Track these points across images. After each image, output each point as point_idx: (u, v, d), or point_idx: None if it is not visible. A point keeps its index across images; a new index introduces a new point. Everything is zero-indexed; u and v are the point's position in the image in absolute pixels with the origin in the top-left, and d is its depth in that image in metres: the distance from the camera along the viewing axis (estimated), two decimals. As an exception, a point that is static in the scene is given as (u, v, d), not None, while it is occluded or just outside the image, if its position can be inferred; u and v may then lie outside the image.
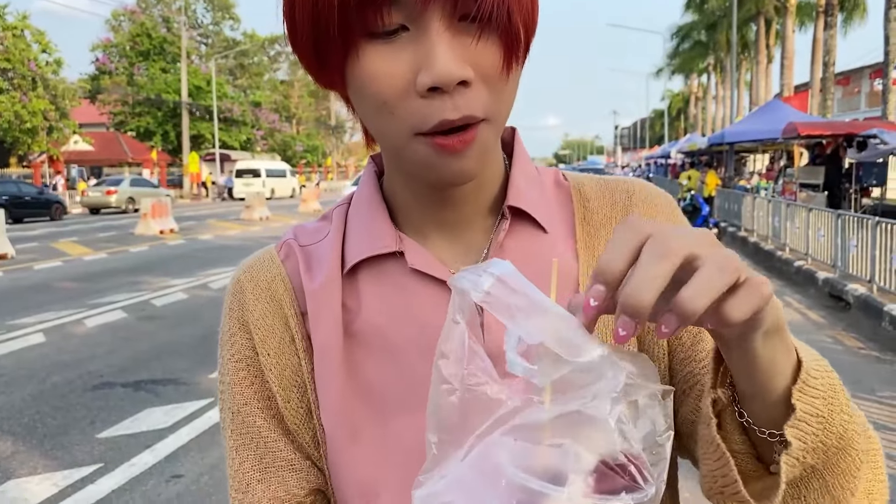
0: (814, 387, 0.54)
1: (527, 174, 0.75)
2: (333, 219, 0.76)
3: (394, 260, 0.71)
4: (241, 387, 0.72)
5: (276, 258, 0.75)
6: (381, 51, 0.58)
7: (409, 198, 0.71)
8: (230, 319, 0.74)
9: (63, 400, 5.63)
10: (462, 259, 0.72)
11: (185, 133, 44.30)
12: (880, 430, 4.71)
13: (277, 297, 0.72)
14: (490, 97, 0.60)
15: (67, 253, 15.69)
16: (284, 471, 0.70)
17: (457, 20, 0.57)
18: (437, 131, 0.59)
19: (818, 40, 26.28)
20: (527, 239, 0.72)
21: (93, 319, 8.57)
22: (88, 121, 45.51)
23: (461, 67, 0.57)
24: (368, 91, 0.60)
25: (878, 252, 8.61)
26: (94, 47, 46.19)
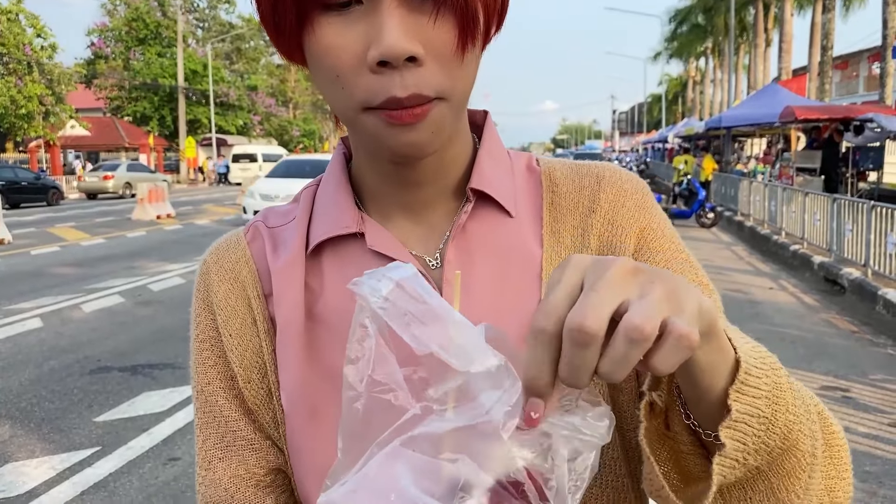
0: (754, 386, 0.51)
1: (495, 157, 0.74)
2: (301, 200, 0.76)
3: (356, 241, 0.71)
4: (205, 367, 0.73)
5: (243, 241, 0.75)
6: (334, 23, 0.58)
7: (374, 178, 0.71)
8: (196, 300, 0.75)
9: (61, 384, 5.66)
10: (425, 241, 0.72)
11: (181, 118, 44.11)
12: (870, 413, 4.76)
13: (241, 279, 0.73)
14: (443, 76, 0.59)
15: (64, 238, 15.69)
16: (245, 450, 0.71)
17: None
18: (385, 107, 0.59)
19: (817, 24, 26.16)
20: (490, 222, 0.71)
21: (90, 304, 8.58)
22: (85, 106, 45.32)
23: (410, 43, 0.56)
24: (322, 63, 0.60)
25: (874, 236, 8.64)
26: (89, 32, 45.87)
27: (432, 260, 0.71)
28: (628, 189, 0.75)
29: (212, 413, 0.72)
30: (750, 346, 0.54)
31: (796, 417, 0.54)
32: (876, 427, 4.52)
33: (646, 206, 0.75)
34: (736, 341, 0.53)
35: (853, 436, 4.36)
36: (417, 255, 0.70)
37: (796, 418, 0.54)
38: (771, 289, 9.16)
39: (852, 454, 2.33)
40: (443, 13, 0.58)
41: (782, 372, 0.54)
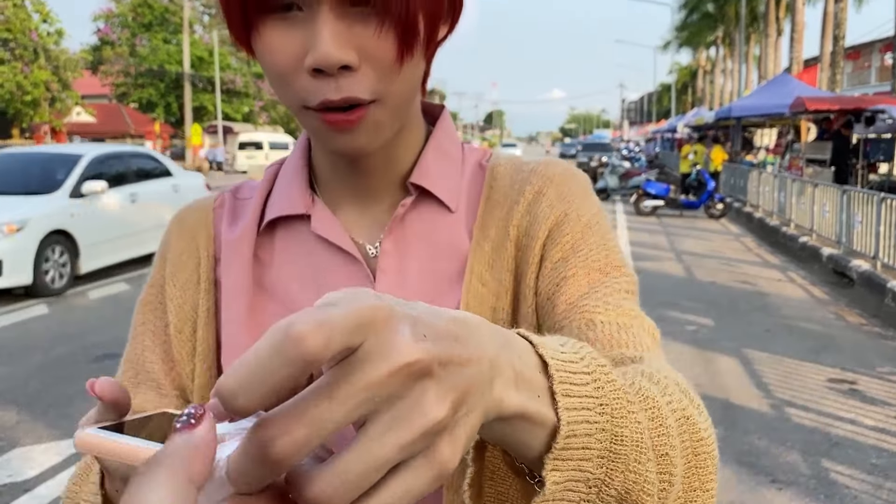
0: (582, 447, 0.42)
1: (442, 152, 0.76)
2: (264, 177, 0.80)
3: (306, 222, 0.74)
4: (146, 309, 0.78)
5: (210, 206, 0.80)
6: (277, 26, 0.60)
7: (326, 164, 0.75)
8: (159, 250, 0.81)
9: (67, 371, 5.68)
10: (368, 230, 0.74)
11: (187, 105, 44.11)
12: (878, 405, 4.73)
13: (196, 239, 0.78)
14: (378, 81, 0.61)
15: (72, 225, 15.71)
16: (151, 390, 0.75)
17: (349, 5, 0.59)
18: (321, 108, 0.61)
19: (829, 13, 25.91)
20: (429, 216, 0.74)
21: (95, 291, 8.61)
22: (91, 92, 45.36)
23: (344, 52, 0.58)
24: (265, 61, 0.63)
25: (883, 228, 8.58)
26: (95, 17, 45.85)
27: (372, 248, 0.73)
28: (555, 179, 0.75)
29: (136, 349, 0.77)
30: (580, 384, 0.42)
31: (642, 467, 0.44)
32: (883, 420, 4.50)
33: (569, 195, 0.74)
34: (558, 396, 0.41)
35: (860, 428, 4.35)
36: (359, 243, 0.74)
37: (642, 468, 0.44)
38: (779, 280, 9.11)
39: (859, 447, 2.32)
40: (379, 23, 0.59)
41: (626, 411, 0.44)
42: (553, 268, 0.70)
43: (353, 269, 0.72)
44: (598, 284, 0.68)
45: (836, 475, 3.79)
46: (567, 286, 0.68)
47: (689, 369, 5.43)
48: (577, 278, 0.68)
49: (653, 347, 0.64)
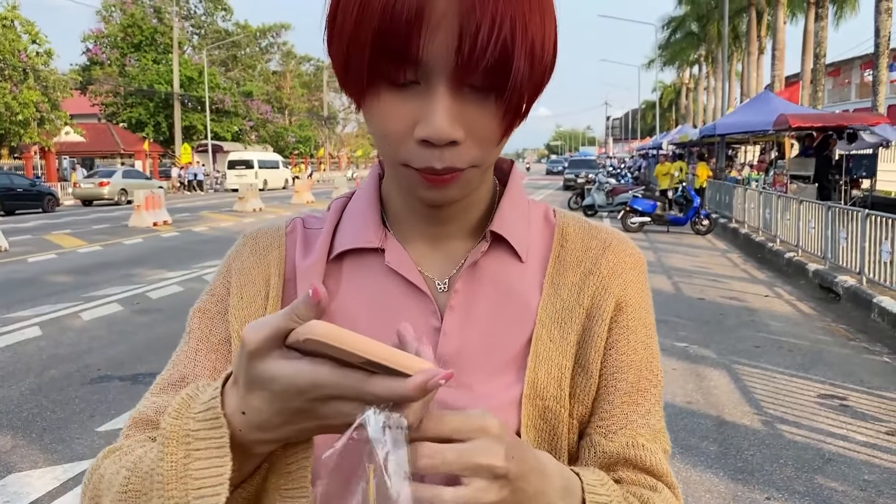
0: None
1: (515, 205, 0.81)
2: (332, 210, 0.83)
3: (376, 256, 0.77)
4: (203, 317, 0.80)
5: (282, 229, 0.83)
6: (394, 96, 0.64)
7: (401, 205, 0.78)
8: (222, 264, 0.83)
9: (61, 393, 5.67)
10: (437, 266, 0.78)
11: (177, 124, 44.12)
12: (868, 421, 4.80)
13: (268, 258, 0.80)
14: (479, 151, 0.66)
15: (61, 245, 15.66)
16: None
17: (463, 87, 0.63)
18: (422, 171, 0.66)
19: (809, 32, 26.35)
20: (501, 263, 0.78)
21: (89, 312, 8.58)
22: (80, 112, 45.26)
23: (454, 130, 0.63)
24: (376, 123, 0.67)
25: (868, 244, 8.71)
26: (84, 38, 45.88)
27: (441, 283, 0.77)
28: (628, 262, 0.82)
29: (187, 354, 0.79)
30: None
31: None
32: (874, 435, 4.56)
33: (637, 282, 0.82)
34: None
35: (851, 444, 4.41)
36: (428, 277, 0.77)
37: None
38: (767, 296, 9.21)
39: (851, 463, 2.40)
40: (489, 103, 0.64)
41: None
42: (610, 356, 0.78)
43: (420, 302, 0.75)
44: (644, 394, 0.79)
45: (830, 492, 3.84)
46: (618, 384, 0.78)
47: (682, 385, 5.50)
48: (628, 379, 0.78)
49: (666, 467, 0.78)
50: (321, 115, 71.90)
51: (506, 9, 0.60)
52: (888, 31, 19.82)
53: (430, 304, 0.75)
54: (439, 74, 0.62)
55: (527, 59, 0.62)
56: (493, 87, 0.63)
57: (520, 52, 0.61)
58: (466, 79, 0.62)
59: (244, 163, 41.67)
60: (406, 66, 0.62)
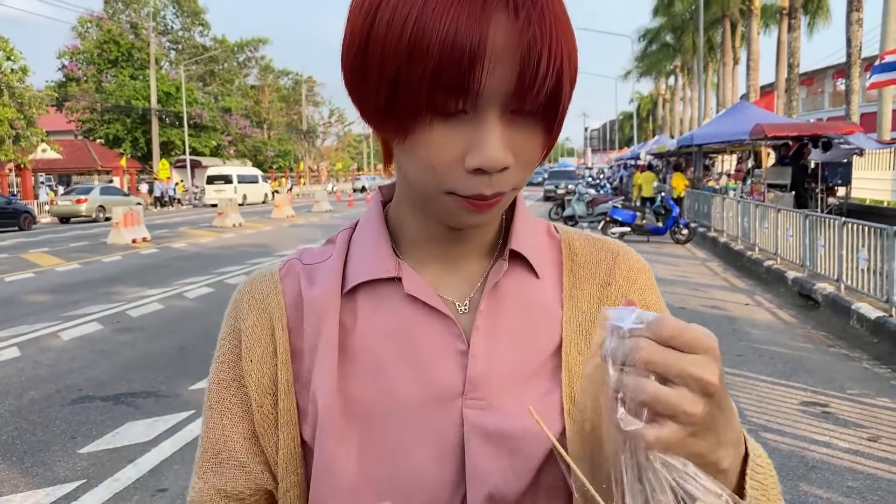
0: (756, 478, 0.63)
1: (526, 222, 0.82)
2: (337, 242, 0.82)
3: (391, 284, 0.77)
4: (220, 387, 0.80)
5: (276, 275, 0.81)
6: (442, 126, 0.64)
7: (416, 231, 0.78)
8: (225, 325, 0.81)
9: (42, 415, 5.59)
10: (455, 288, 0.78)
11: (154, 140, 43.84)
12: (850, 427, 4.86)
13: (269, 311, 0.79)
14: (522, 175, 0.68)
15: (39, 264, 15.47)
16: (235, 469, 0.78)
17: (509, 112, 0.64)
18: (470, 198, 0.67)
19: (783, 42, 26.77)
20: (520, 281, 0.79)
21: (68, 332, 8.48)
22: (56, 129, 44.83)
23: (506, 156, 0.64)
24: (422, 155, 0.66)
25: (845, 251, 8.82)
26: (60, 54, 45.52)
27: (461, 306, 0.77)
28: (639, 269, 0.85)
29: (215, 430, 0.79)
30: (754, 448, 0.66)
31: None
32: (856, 442, 4.61)
33: (651, 287, 0.85)
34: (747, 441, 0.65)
35: (835, 451, 4.45)
36: (448, 300, 0.77)
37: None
38: (747, 304, 9.30)
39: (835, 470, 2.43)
40: (533, 126, 0.66)
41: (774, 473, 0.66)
42: None
43: (443, 327, 0.75)
44: None
45: (815, 499, 3.87)
46: None
47: (666, 396, 5.52)
48: None
49: None
50: (300, 128, 71.79)
51: (558, 38, 0.62)
52: (859, 41, 20.18)
53: (454, 327, 0.75)
54: (493, 103, 0.63)
55: (570, 84, 0.65)
56: (541, 114, 0.65)
57: (567, 79, 0.64)
58: (522, 107, 0.64)
59: (223, 178, 41.47)
60: (464, 98, 0.62)
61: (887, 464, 4.27)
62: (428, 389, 0.73)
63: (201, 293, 11.08)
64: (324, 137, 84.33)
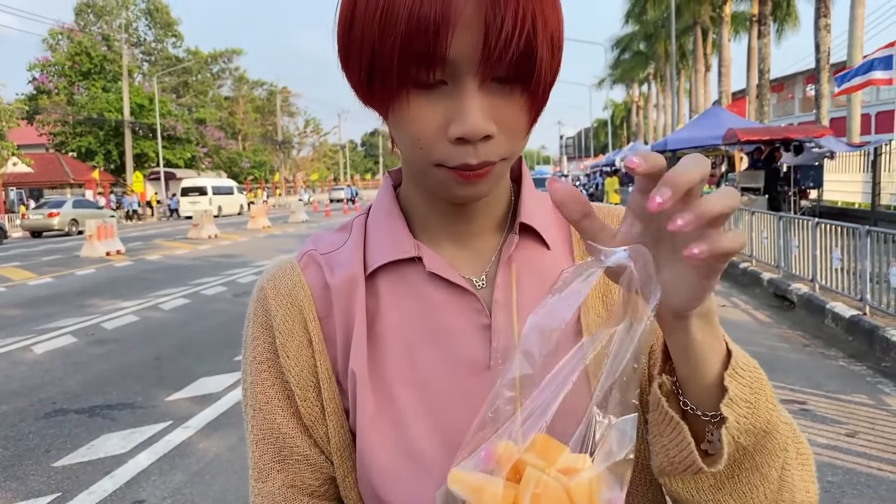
0: (742, 375, 0.63)
1: (534, 196, 0.83)
2: (353, 228, 0.83)
3: (411, 265, 0.78)
4: (264, 386, 0.78)
5: (297, 267, 0.81)
6: (423, 98, 0.66)
7: (427, 210, 0.79)
8: (254, 324, 0.80)
9: (14, 429, 5.48)
10: (470, 265, 0.79)
11: (128, 152, 43.39)
12: (828, 424, 4.90)
13: (298, 303, 0.78)
14: (509, 144, 0.68)
15: (10, 278, 15.22)
16: (301, 463, 0.78)
17: (489, 81, 0.64)
18: (457, 169, 0.67)
19: (753, 49, 27.16)
20: (532, 253, 0.80)
21: (41, 345, 8.34)
22: (27, 142, 44.24)
23: (487, 124, 0.65)
24: (407, 129, 0.67)
25: (819, 252, 8.94)
26: (31, 67, 44.96)
27: (478, 281, 0.78)
28: None
29: (270, 430, 0.78)
30: (737, 347, 0.66)
31: (774, 407, 0.65)
32: (834, 438, 4.66)
33: None
34: (727, 337, 0.66)
35: (813, 447, 4.42)
36: (466, 277, 0.78)
37: (774, 408, 0.65)
38: (724, 306, 9.38)
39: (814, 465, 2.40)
40: (515, 94, 0.66)
41: (762, 372, 0.66)
42: None
43: (466, 303, 0.76)
44: None
45: (794, 493, 3.90)
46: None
47: (646, 397, 5.54)
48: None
49: None
50: (275, 139, 71.51)
51: (526, 1, 0.62)
52: (828, 47, 20.53)
53: (477, 302, 0.76)
54: (467, 71, 0.63)
55: (548, 48, 0.65)
56: (519, 79, 0.65)
57: (542, 42, 0.64)
58: (494, 72, 0.64)
59: (198, 189, 41.20)
60: (434, 67, 0.63)
61: (865, 458, 4.32)
62: (456, 365, 0.74)
63: (177, 304, 10.96)
64: (299, 148, 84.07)
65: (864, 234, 7.76)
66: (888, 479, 4.04)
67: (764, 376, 0.65)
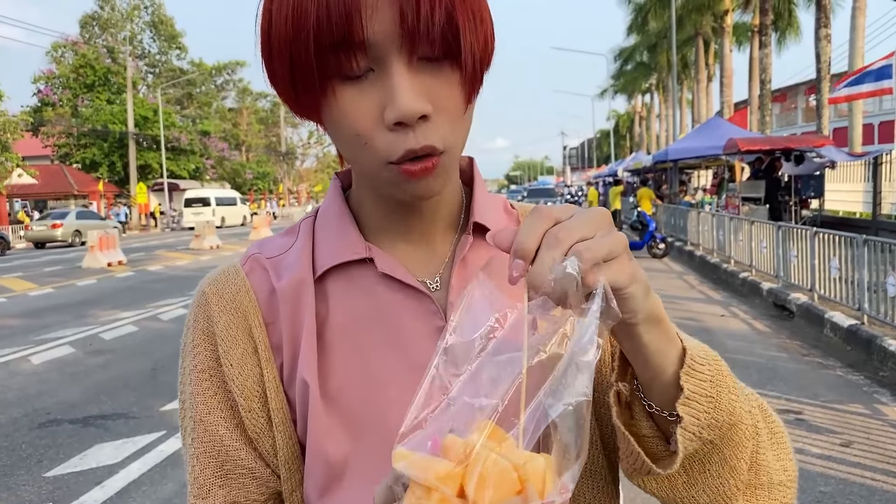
0: (700, 371, 0.63)
1: (486, 197, 0.82)
2: (300, 231, 0.80)
3: (362, 266, 0.75)
4: (205, 397, 0.74)
5: (241, 272, 0.78)
6: (351, 90, 0.64)
7: (378, 211, 0.77)
8: (194, 331, 0.76)
9: (8, 440, 5.47)
10: (424, 266, 0.77)
11: (132, 164, 43.53)
12: (823, 434, 4.87)
13: (242, 309, 0.75)
14: (448, 129, 0.66)
15: (11, 289, 15.26)
16: (245, 477, 0.74)
17: (416, 60, 0.63)
18: (403, 159, 0.65)
19: (755, 59, 27.16)
20: (487, 253, 0.77)
21: (39, 356, 8.34)
22: (32, 154, 44.41)
23: (421, 103, 0.63)
24: (342, 125, 0.66)
25: (818, 261, 8.91)
26: (35, 79, 45.18)
27: (433, 283, 0.76)
28: None
29: (212, 442, 0.74)
30: (695, 342, 0.67)
31: (737, 398, 0.65)
32: (829, 447, 4.62)
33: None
34: (682, 335, 0.66)
35: (807, 457, 4.46)
36: (420, 279, 0.76)
37: (737, 398, 0.65)
38: (723, 316, 9.35)
39: (807, 475, 2.42)
40: (445, 72, 0.65)
41: (723, 363, 0.66)
42: None
43: (419, 304, 0.74)
44: None
45: None
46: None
47: (641, 407, 5.51)
48: None
49: None
50: (279, 150, 71.69)
51: None
52: (828, 57, 20.53)
53: (431, 303, 0.74)
54: (391, 53, 0.62)
55: (470, 21, 0.63)
56: (446, 55, 0.64)
57: (462, 15, 0.62)
58: (418, 50, 0.62)
59: (201, 200, 41.30)
60: (354, 53, 0.62)
61: (859, 468, 4.28)
62: (410, 368, 0.71)
63: (176, 314, 10.96)
64: (303, 159, 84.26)
65: (861, 243, 7.73)
66: (882, 489, 4.01)
67: (725, 367, 0.65)
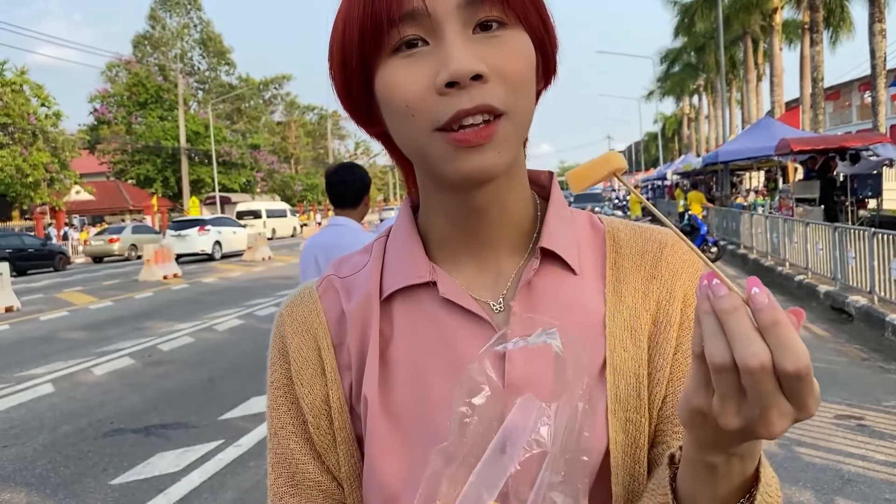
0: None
1: (561, 216, 0.79)
2: (373, 250, 0.82)
3: (427, 289, 0.76)
4: (279, 412, 0.79)
5: (315, 294, 0.81)
6: (402, 63, 0.65)
7: (443, 225, 0.76)
8: (273, 350, 0.81)
9: (74, 448, 5.67)
10: (490, 287, 0.76)
11: (184, 178, 44.61)
12: (887, 440, 4.74)
13: (312, 331, 0.78)
14: (506, 91, 0.65)
15: (72, 302, 15.77)
16: (313, 489, 0.78)
17: (471, 31, 0.64)
18: (454, 123, 0.64)
19: (806, 57, 26.56)
20: (555, 279, 0.76)
21: (101, 367, 8.61)
22: (89, 171, 45.89)
23: (475, 63, 0.63)
24: (392, 98, 0.66)
25: (877, 263, 8.66)
26: (91, 98, 46.70)
27: (496, 304, 0.75)
28: (687, 259, 0.79)
29: (283, 455, 0.79)
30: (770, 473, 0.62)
31: None
32: (893, 454, 4.50)
33: (697, 280, 0.80)
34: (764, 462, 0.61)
35: (870, 464, 4.35)
36: (482, 301, 0.75)
37: None
38: (779, 320, 9.14)
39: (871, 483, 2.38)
40: (506, 41, 0.66)
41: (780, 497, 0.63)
42: (677, 360, 0.75)
43: (479, 329, 0.73)
44: None
45: (850, 511, 3.79)
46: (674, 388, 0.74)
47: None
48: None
49: None
50: (327, 162, 72.66)
51: None
52: (883, 52, 19.98)
53: (491, 329, 0.72)
54: (446, 22, 0.63)
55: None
56: (502, 21, 0.65)
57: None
58: (474, 16, 0.64)
59: (252, 213, 42.02)
60: (401, 23, 0.64)
61: (926, 476, 4.16)
62: None
63: (231, 325, 11.20)
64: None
65: (923, 243, 7.50)
66: (950, 497, 3.88)
67: None
